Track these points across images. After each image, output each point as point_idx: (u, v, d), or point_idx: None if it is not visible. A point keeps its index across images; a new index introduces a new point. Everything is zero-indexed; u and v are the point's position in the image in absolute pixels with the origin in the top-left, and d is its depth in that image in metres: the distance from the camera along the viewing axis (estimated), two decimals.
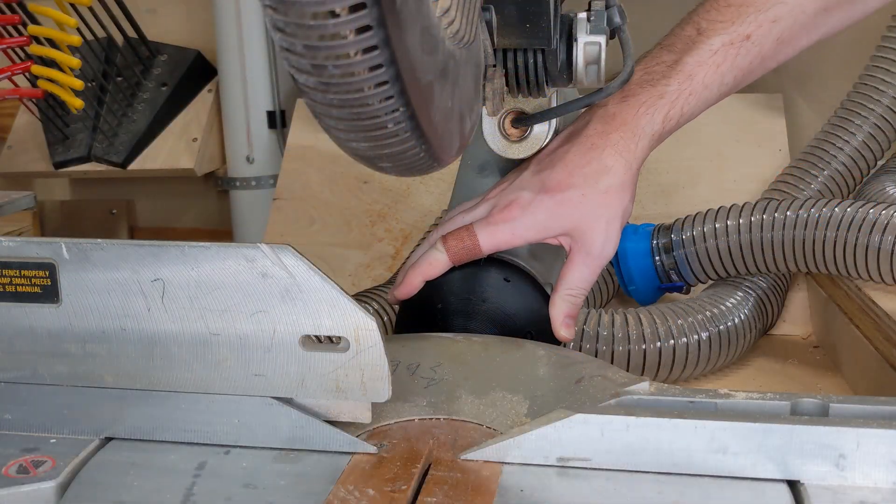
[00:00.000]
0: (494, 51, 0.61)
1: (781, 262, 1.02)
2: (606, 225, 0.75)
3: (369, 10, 0.34)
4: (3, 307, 0.55)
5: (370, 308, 0.99)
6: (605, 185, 0.74)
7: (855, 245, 0.95)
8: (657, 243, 1.09)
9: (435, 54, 0.42)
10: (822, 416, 0.50)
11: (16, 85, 1.50)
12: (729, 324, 1.03)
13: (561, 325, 0.74)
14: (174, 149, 1.69)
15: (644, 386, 0.58)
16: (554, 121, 0.79)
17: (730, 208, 1.06)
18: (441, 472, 0.52)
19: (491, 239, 0.74)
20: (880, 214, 0.94)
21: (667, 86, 0.74)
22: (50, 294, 0.54)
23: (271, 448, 0.55)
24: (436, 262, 0.75)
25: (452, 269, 0.76)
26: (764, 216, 1.02)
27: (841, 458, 0.49)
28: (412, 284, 0.76)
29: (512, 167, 0.81)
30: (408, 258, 1.23)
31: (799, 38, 0.77)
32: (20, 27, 1.44)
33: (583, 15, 0.72)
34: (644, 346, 0.97)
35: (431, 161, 0.46)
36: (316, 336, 0.53)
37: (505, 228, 0.74)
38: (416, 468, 0.53)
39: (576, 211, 0.74)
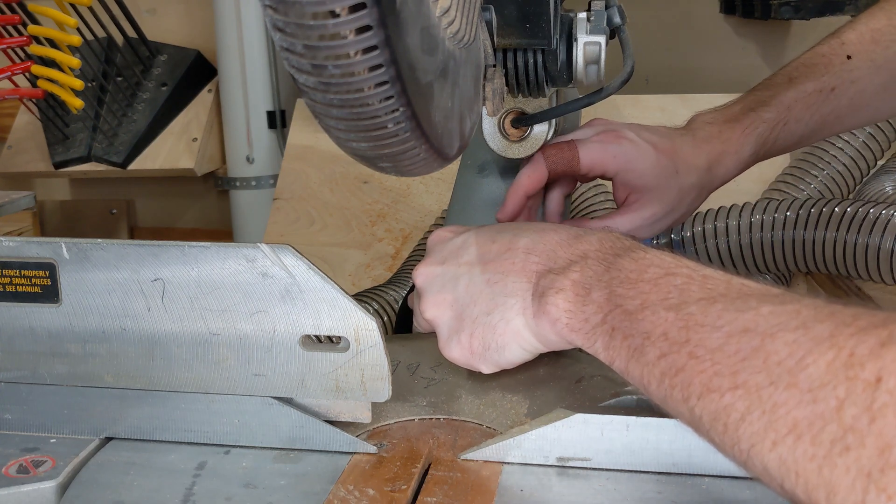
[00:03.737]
0: (494, 51, 0.61)
1: (781, 262, 1.02)
2: (668, 212, 0.77)
3: (369, 10, 0.34)
4: (3, 307, 0.55)
5: (370, 308, 0.99)
6: (696, 182, 0.77)
7: (855, 245, 0.95)
8: (657, 243, 1.09)
9: (435, 54, 0.42)
10: None
11: (16, 85, 1.50)
12: None
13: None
14: (174, 149, 1.69)
15: None
16: (554, 121, 0.79)
17: (730, 208, 1.06)
18: (441, 472, 0.52)
19: (590, 154, 0.75)
20: (880, 214, 0.94)
21: (766, 112, 0.79)
22: (50, 294, 0.54)
23: (271, 448, 0.55)
24: (534, 174, 0.76)
25: None
26: (764, 216, 1.02)
27: None
28: (516, 203, 0.76)
29: (512, 167, 0.81)
30: (412, 253, 1.24)
31: (863, 110, 0.83)
32: (20, 27, 1.44)
33: (583, 15, 0.72)
34: None
35: (431, 161, 0.46)
36: (316, 336, 0.53)
37: (607, 149, 0.76)
38: (416, 468, 0.53)
39: (665, 183, 0.76)
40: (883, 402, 0.34)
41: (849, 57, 0.80)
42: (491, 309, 0.58)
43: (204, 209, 1.95)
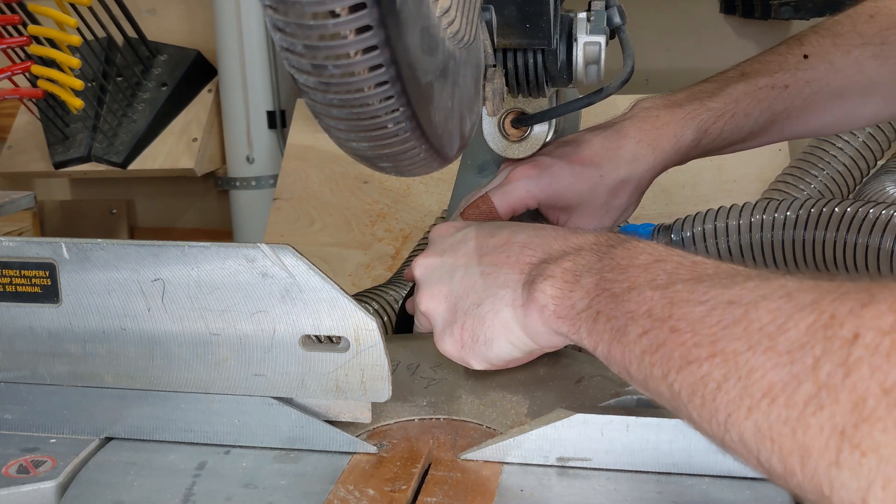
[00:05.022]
0: (494, 51, 0.61)
1: (781, 262, 1.02)
2: (604, 214, 0.75)
3: (369, 10, 0.34)
4: (3, 307, 0.55)
5: (370, 308, 0.99)
6: (626, 175, 0.76)
7: (855, 245, 0.95)
8: (657, 243, 1.09)
9: (435, 54, 0.42)
10: None
11: (16, 85, 1.50)
12: None
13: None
14: (174, 149, 1.69)
15: None
16: (554, 121, 0.79)
17: (730, 208, 1.06)
18: (441, 472, 0.52)
19: (506, 199, 0.75)
20: (880, 214, 0.94)
21: (712, 102, 0.78)
22: (50, 294, 0.54)
23: (271, 448, 0.55)
24: None
25: None
26: (764, 216, 1.02)
27: None
28: None
29: None
30: (412, 252, 1.24)
31: (817, 114, 0.81)
32: (20, 27, 1.44)
33: (583, 15, 0.72)
34: None
35: (431, 161, 0.46)
36: (316, 336, 0.53)
37: (520, 186, 0.75)
38: (416, 468, 0.53)
39: (588, 194, 0.75)
40: (858, 357, 0.33)
41: (805, 56, 0.79)
42: (482, 300, 0.58)
43: (204, 209, 1.95)
